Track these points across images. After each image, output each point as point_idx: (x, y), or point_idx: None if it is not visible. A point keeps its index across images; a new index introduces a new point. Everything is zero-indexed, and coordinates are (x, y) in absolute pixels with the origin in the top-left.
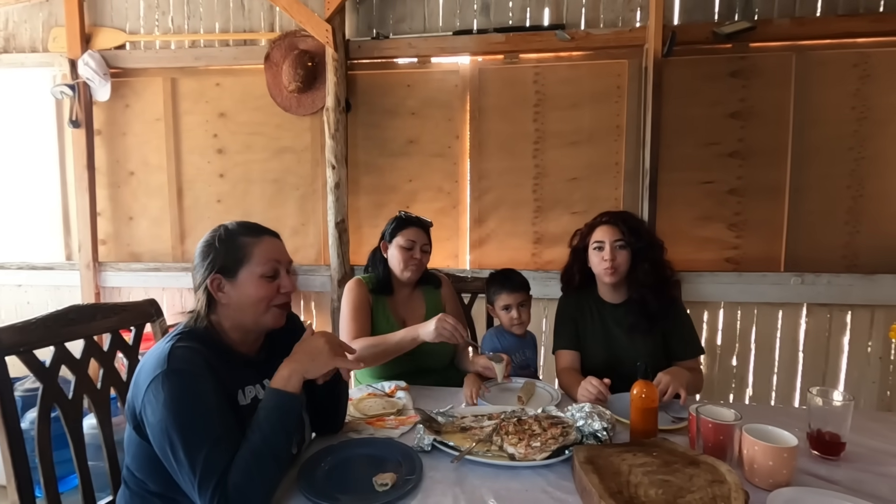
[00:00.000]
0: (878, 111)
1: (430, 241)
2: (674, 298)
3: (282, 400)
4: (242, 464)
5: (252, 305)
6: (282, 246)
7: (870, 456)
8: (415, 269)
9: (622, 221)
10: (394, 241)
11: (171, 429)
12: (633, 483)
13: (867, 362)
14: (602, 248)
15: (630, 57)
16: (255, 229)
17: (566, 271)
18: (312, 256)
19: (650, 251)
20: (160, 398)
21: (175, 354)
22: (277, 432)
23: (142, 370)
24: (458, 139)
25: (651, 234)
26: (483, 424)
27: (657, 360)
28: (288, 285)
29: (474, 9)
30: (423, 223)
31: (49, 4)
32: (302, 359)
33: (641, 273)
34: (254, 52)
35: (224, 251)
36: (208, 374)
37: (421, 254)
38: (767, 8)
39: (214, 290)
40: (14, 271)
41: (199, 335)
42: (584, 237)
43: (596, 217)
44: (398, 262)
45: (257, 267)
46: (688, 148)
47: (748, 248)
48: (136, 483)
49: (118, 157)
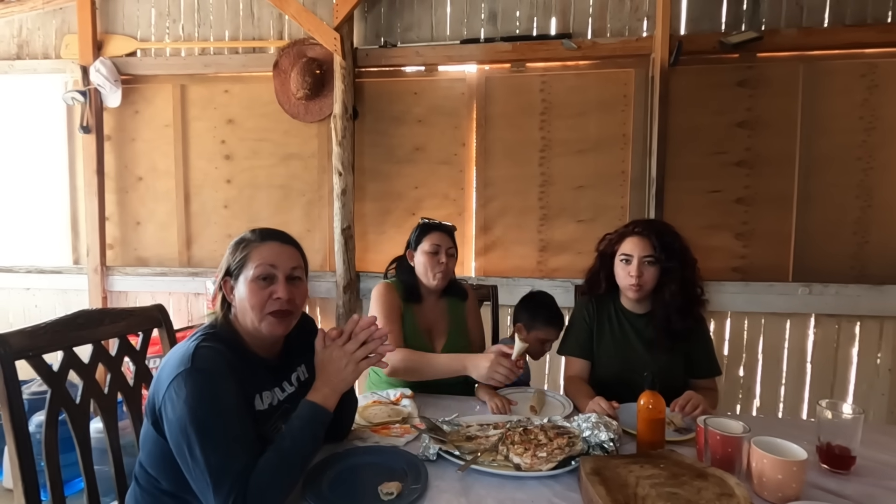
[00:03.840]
0: (887, 121)
1: (454, 245)
2: (699, 318)
3: (320, 415)
4: (268, 468)
5: (248, 310)
6: (286, 252)
7: (881, 470)
8: (442, 274)
9: (655, 235)
10: (419, 248)
11: (190, 427)
12: (640, 495)
13: (876, 374)
14: (629, 262)
15: (637, 66)
16: (265, 234)
17: (592, 276)
18: (318, 262)
19: (681, 271)
20: (181, 395)
21: (199, 354)
22: (308, 443)
23: (165, 367)
24: (465, 147)
25: (686, 249)
26: (488, 434)
27: (673, 376)
28: (281, 292)
29: (481, 18)
30: (446, 227)
31: (62, 12)
32: (333, 380)
33: (668, 293)
34: (262, 60)
35: (235, 253)
36: (230, 375)
37: (447, 258)
38: (774, 18)
39: (227, 292)
40: (23, 275)
41: (222, 336)
42: (613, 244)
43: (628, 224)
44: (425, 267)
45: (251, 270)
46: (694, 157)
47: (755, 257)
48: (147, 481)
49: (127, 163)
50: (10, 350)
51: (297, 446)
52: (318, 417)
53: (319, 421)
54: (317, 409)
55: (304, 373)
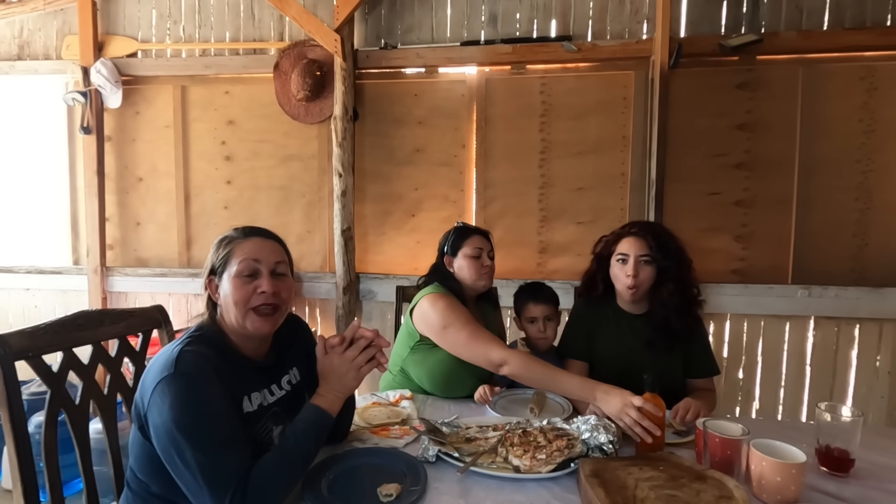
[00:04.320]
0: (886, 124)
1: (493, 247)
2: (697, 319)
3: (323, 419)
4: (269, 465)
5: (232, 307)
6: (269, 246)
7: (879, 473)
8: (487, 276)
9: (651, 235)
10: (459, 253)
11: (177, 431)
12: (639, 497)
13: (876, 377)
14: (626, 262)
15: (636, 68)
16: (247, 230)
17: (589, 278)
18: (318, 264)
19: (678, 270)
20: (166, 401)
21: (183, 358)
22: (311, 444)
23: (149, 372)
24: (465, 148)
25: (681, 250)
26: (488, 435)
27: (672, 377)
28: (265, 286)
29: (482, 20)
30: (482, 231)
31: (63, 13)
32: (336, 387)
33: (665, 292)
34: (263, 61)
35: (216, 252)
36: (215, 379)
37: (489, 260)
38: (774, 21)
39: (212, 291)
40: (22, 275)
41: (208, 339)
42: (610, 245)
43: (625, 226)
44: (470, 272)
45: (234, 266)
46: (694, 159)
47: (755, 259)
48: (138, 485)
49: (127, 163)
50: (10, 350)
51: (300, 447)
52: (321, 421)
53: (323, 424)
54: (321, 414)
55: (295, 376)
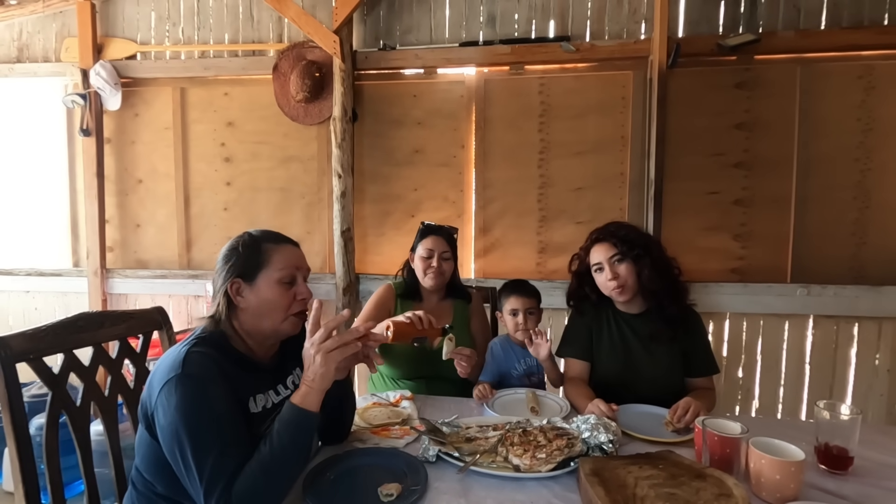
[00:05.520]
0: (884, 123)
1: (451, 248)
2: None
3: (298, 416)
4: (250, 474)
5: (270, 312)
6: (301, 254)
7: (878, 471)
8: (433, 276)
9: (611, 235)
10: (416, 251)
11: (181, 432)
12: (639, 496)
13: (875, 375)
14: (602, 269)
15: (635, 68)
16: (278, 237)
17: (576, 293)
18: (318, 265)
19: (647, 253)
20: (172, 401)
21: (190, 359)
22: (287, 447)
23: (156, 372)
24: (464, 149)
25: (645, 236)
26: (488, 435)
27: (673, 376)
28: (305, 293)
29: (480, 21)
30: (444, 231)
31: (62, 15)
32: (308, 376)
33: (647, 280)
34: (262, 63)
35: (246, 256)
36: (221, 380)
37: (440, 262)
38: (772, 20)
39: (234, 294)
40: (22, 277)
41: (214, 341)
42: (583, 260)
43: (588, 238)
44: (419, 271)
45: (275, 272)
46: (693, 158)
47: (754, 258)
48: (143, 484)
49: (126, 165)
50: (11, 353)
51: (276, 449)
52: (294, 419)
53: (296, 423)
54: (294, 410)
55: (298, 376)
